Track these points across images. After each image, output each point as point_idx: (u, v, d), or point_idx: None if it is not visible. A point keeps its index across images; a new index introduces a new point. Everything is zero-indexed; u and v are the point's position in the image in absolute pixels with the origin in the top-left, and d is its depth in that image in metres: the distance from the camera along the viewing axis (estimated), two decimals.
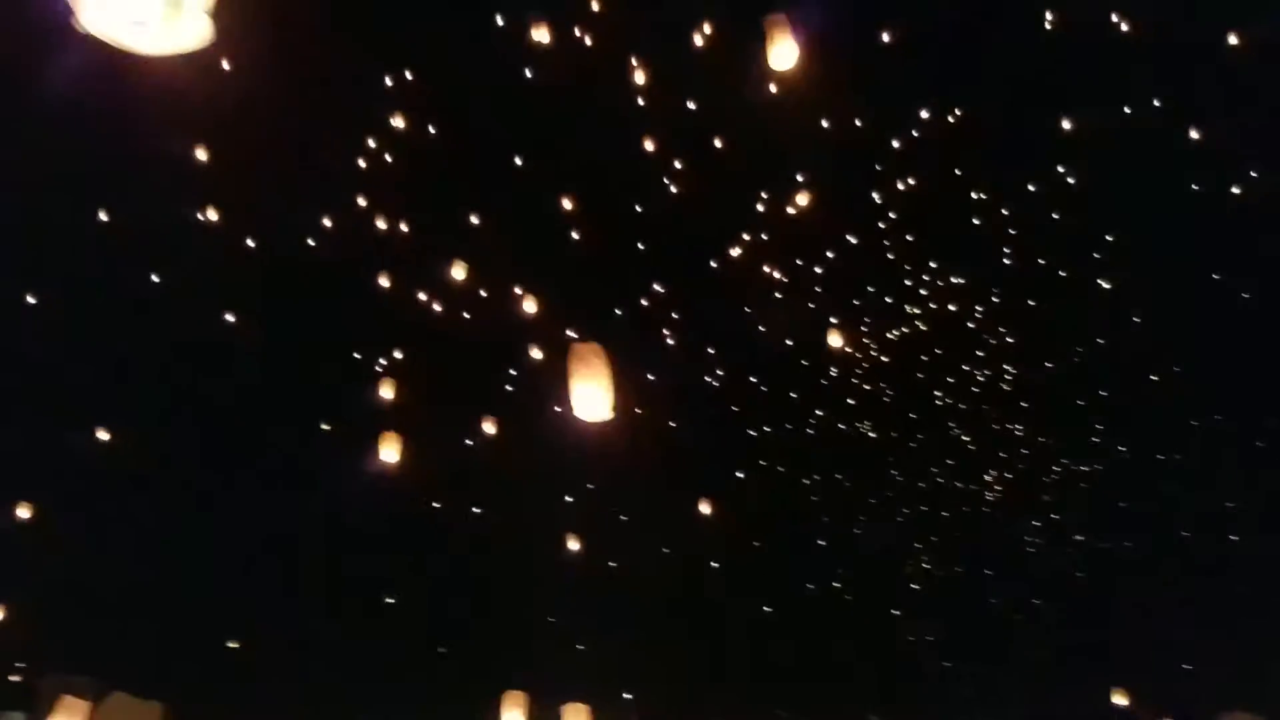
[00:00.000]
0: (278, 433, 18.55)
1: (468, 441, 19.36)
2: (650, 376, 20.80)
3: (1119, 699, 16.89)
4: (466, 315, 18.11)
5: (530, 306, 18.83)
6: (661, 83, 16.69)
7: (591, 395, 6.67)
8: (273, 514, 19.30)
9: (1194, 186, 15.74)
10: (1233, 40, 14.13)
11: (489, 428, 18.93)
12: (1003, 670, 19.57)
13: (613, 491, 21.64)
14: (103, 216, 15.05)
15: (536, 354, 19.78)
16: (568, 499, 21.82)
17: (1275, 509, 18.49)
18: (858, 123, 17.18)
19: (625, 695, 22.30)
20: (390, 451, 14.19)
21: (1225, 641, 17.77)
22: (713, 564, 23.11)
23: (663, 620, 21.74)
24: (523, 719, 13.77)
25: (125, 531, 17.32)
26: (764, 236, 18.12)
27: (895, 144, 17.39)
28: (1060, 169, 17.15)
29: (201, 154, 15.31)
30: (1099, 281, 17.99)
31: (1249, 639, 17.68)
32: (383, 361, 18.13)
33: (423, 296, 18.50)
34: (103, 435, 16.17)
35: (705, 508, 19.29)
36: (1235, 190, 16.09)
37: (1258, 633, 17.53)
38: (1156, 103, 15.11)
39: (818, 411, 21.24)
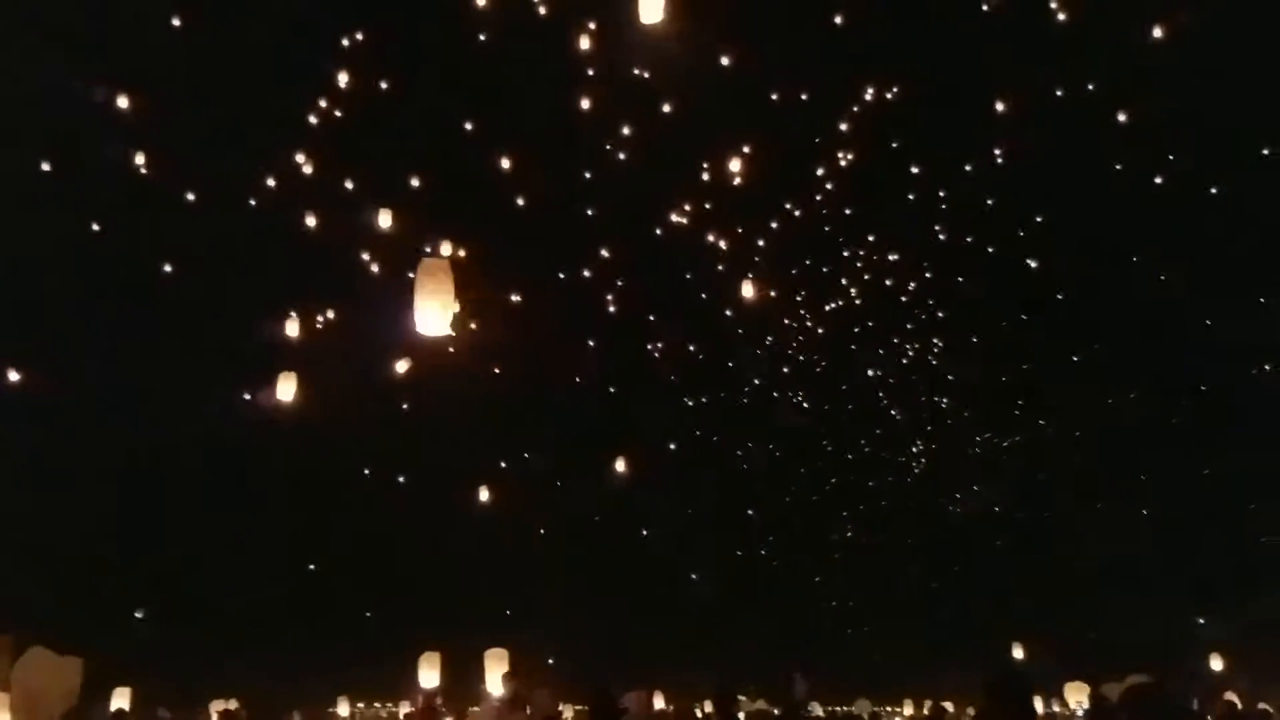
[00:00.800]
0: (202, 388, 18.22)
1: (394, 401, 19.42)
2: (590, 343, 21.02)
3: (1018, 652, 17.71)
4: (410, 275, 17.96)
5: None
6: (610, 51, 16.77)
7: (434, 311, 6.50)
8: (191, 475, 19.05)
9: (1118, 167, 16.32)
10: (1157, 32, 14.75)
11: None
12: (919, 634, 20.15)
13: (542, 456, 21.76)
14: (45, 165, 14.73)
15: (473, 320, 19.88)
16: (503, 464, 21.93)
17: (1185, 483, 19.39)
18: (803, 97, 17.47)
19: (549, 660, 22.53)
20: (287, 389, 13.70)
21: (1131, 608, 18.58)
22: (643, 530, 23.44)
23: (591, 583, 21.98)
24: (438, 680, 13.91)
25: (37, 481, 16.93)
26: (706, 205, 18.32)
27: (837, 119, 17.70)
28: (994, 150, 17.62)
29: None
30: (1027, 260, 18.58)
31: (1153, 607, 18.53)
32: (318, 318, 18.02)
33: (365, 255, 18.39)
34: (14, 375, 15.70)
35: (621, 465, 19.45)
36: (1157, 177, 16.77)
37: (1161, 601, 18.38)
38: (1090, 87, 15.63)
39: (755, 380, 21.64)
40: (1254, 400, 18.45)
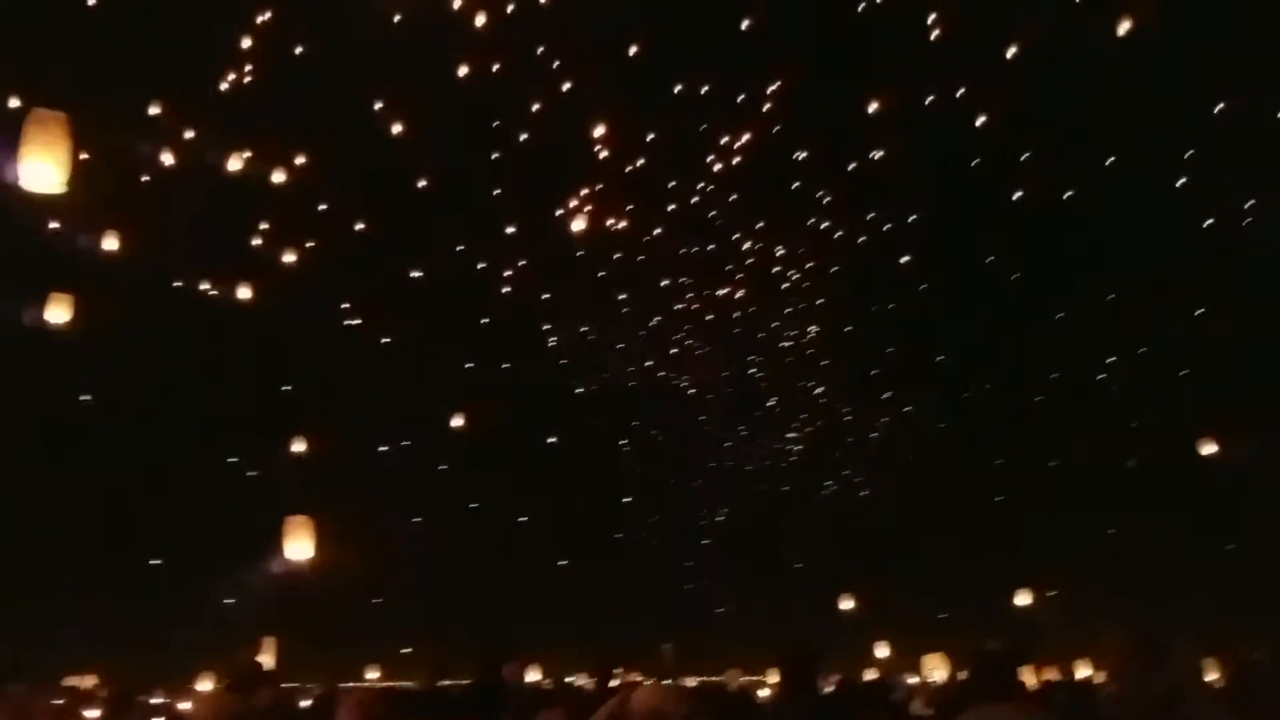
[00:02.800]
0: None
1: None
2: (484, 320, 21.22)
3: (846, 603, 18.81)
4: (310, 243, 18.02)
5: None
6: (512, 32, 17.23)
7: (42, 167, 6.17)
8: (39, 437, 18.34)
9: (976, 161, 17.62)
10: (1012, 50, 16.19)
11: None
12: (788, 610, 20.83)
13: (423, 437, 21.68)
14: None
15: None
16: (383, 448, 21.81)
17: (1038, 471, 20.87)
18: (704, 89, 18.25)
19: (404, 650, 22.40)
20: (59, 312, 12.78)
21: (991, 586, 19.72)
22: (521, 518, 23.55)
23: (468, 564, 21.99)
24: (272, 662, 13.93)
25: None
26: (599, 185, 18.88)
27: (729, 111, 18.55)
28: (870, 150, 18.75)
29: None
30: (900, 256, 19.75)
31: (1014, 584, 19.73)
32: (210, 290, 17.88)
33: (264, 225, 18.26)
34: None
35: (458, 420, 19.61)
36: (1016, 182, 18.21)
37: (1022, 578, 19.56)
38: (959, 91, 16.90)
39: (647, 362, 22.17)
40: (1103, 395, 20.12)
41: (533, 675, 18.10)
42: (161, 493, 19.58)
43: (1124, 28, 15.01)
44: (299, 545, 10.75)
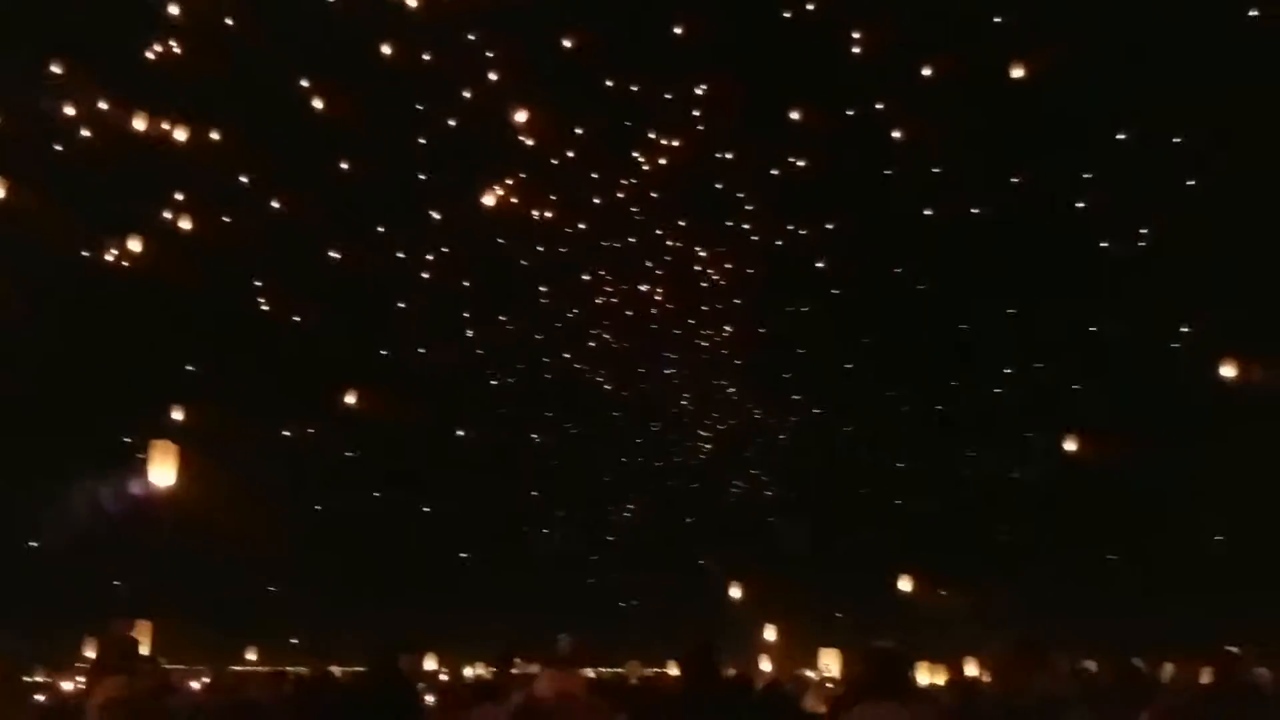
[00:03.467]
0: None
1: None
2: (401, 304, 21.00)
3: (745, 597, 19.22)
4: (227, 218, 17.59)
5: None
6: (445, 18, 17.12)
7: None
8: None
9: (888, 172, 18.18)
10: (926, 71, 16.78)
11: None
12: (691, 605, 21.13)
13: (327, 428, 21.37)
14: None
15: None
16: (312, 430, 21.40)
17: (939, 476, 21.62)
18: (634, 87, 18.38)
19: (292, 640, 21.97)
20: None
21: (886, 585, 20.28)
22: (424, 509, 23.32)
23: (371, 557, 21.72)
24: (147, 649, 13.66)
25: None
26: (524, 176, 18.87)
27: (658, 109, 18.71)
28: (791, 157, 19.13)
29: None
30: (816, 262, 20.19)
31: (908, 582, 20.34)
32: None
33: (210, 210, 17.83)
34: None
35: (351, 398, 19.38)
36: (929, 197, 18.81)
37: (916, 577, 20.17)
38: (878, 106, 17.38)
39: (564, 354, 22.17)
40: (1011, 402, 20.94)
41: (429, 664, 18.02)
42: (42, 470, 18.94)
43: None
44: (161, 470, 10.50)
